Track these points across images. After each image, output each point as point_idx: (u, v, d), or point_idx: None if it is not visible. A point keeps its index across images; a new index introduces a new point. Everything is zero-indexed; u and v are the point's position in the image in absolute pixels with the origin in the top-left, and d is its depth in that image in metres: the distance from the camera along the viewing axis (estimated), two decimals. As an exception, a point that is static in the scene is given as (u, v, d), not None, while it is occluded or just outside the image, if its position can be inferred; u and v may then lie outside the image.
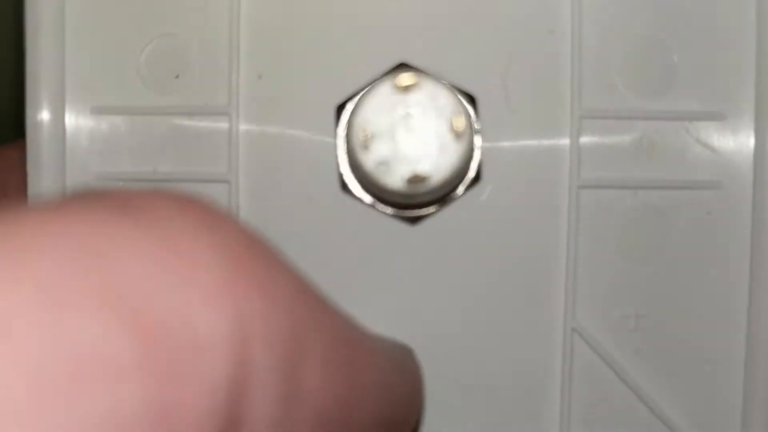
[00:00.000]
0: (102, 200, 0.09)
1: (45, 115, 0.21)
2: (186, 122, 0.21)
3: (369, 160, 0.17)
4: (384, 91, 0.18)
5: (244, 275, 0.09)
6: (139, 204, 0.09)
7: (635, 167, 0.21)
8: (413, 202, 0.19)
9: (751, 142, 0.21)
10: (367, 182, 0.19)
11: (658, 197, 0.21)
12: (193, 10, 0.21)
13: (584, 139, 0.21)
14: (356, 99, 0.18)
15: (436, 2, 0.21)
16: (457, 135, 0.17)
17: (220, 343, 0.09)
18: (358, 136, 0.17)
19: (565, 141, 0.21)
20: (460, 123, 0.17)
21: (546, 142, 0.21)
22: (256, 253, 0.10)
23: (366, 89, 0.18)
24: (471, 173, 0.20)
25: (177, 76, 0.21)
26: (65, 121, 0.21)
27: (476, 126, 0.20)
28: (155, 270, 0.08)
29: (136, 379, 0.08)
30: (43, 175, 0.21)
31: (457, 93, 0.19)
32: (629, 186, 0.21)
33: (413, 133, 0.17)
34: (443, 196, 0.20)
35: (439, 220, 0.21)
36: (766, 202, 0.20)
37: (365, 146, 0.17)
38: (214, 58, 0.21)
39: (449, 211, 0.21)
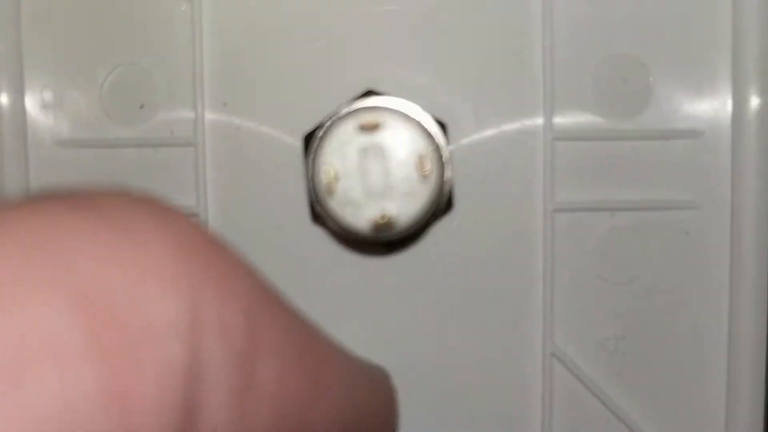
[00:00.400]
0: (62, 198, 0.09)
1: (8, 150, 0.21)
2: (152, 154, 0.21)
3: (334, 203, 0.17)
4: (347, 132, 0.17)
5: (199, 268, 0.10)
6: (98, 201, 0.09)
7: (611, 188, 0.20)
8: (384, 239, 0.19)
9: (728, 159, 0.20)
10: (335, 220, 0.18)
11: (634, 218, 0.20)
12: (154, 38, 0.21)
13: (558, 162, 0.20)
14: (321, 134, 0.18)
15: (404, 28, 0.20)
16: (424, 176, 0.17)
17: (175, 330, 0.09)
18: (321, 180, 0.17)
19: (539, 164, 0.20)
20: (427, 165, 0.16)
21: (519, 166, 0.20)
22: (211, 250, 0.10)
23: (331, 124, 0.18)
24: (443, 203, 0.19)
25: (141, 106, 0.21)
26: (28, 156, 0.21)
27: (447, 154, 0.19)
28: (111, 260, 0.09)
29: (86, 364, 0.08)
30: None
31: (424, 125, 0.18)
32: (605, 208, 0.20)
33: (379, 175, 0.17)
34: (417, 228, 0.19)
35: (412, 249, 0.20)
36: (744, 220, 0.20)
37: (329, 190, 0.17)
38: (179, 86, 0.21)
39: (423, 240, 0.20)
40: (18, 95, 0.21)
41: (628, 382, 0.21)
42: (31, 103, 0.21)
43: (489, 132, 0.20)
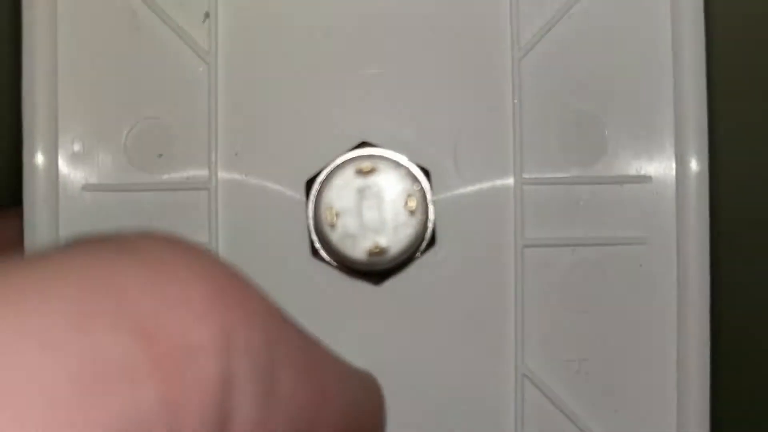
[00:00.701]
0: (104, 243, 0.11)
1: (40, 194, 0.23)
2: (169, 198, 0.24)
3: (335, 236, 0.20)
4: (348, 175, 0.20)
5: (225, 298, 0.11)
6: (135, 244, 0.11)
7: (573, 227, 0.23)
8: (377, 268, 0.22)
9: (673, 202, 0.23)
10: (334, 252, 0.21)
11: (594, 253, 0.23)
12: (174, 95, 0.24)
13: (527, 203, 0.23)
14: (322, 179, 0.21)
15: (393, 87, 0.23)
16: (411, 213, 0.20)
17: (210, 351, 0.11)
18: (325, 216, 0.19)
19: (510, 205, 0.23)
20: (413, 203, 0.19)
21: (493, 207, 0.23)
22: (234, 281, 0.12)
23: (332, 170, 0.21)
24: (427, 238, 0.22)
25: (160, 155, 0.24)
26: (59, 199, 0.23)
27: (431, 197, 0.22)
28: (153, 294, 0.11)
29: (149, 382, 0.10)
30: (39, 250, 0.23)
31: (412, 171, 0.21)
32: (568, 244, 0.23)
33: (373, 212, 0.20)
34: (404, 260, 0.22)
35: (400, 279, 0.23)
36: (688, 255, 0.23)
37: (332, 224, 0.19)
38: (194, 137, 0.24)
39: (409, 271, 0.23)
40: (52, 145, 0.23)
41: (591, 399, 0.23)
42: (62, 153, 0.24)
43: (467, 178, 0.23)
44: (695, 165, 0.23)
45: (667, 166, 0.23)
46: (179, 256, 0.11)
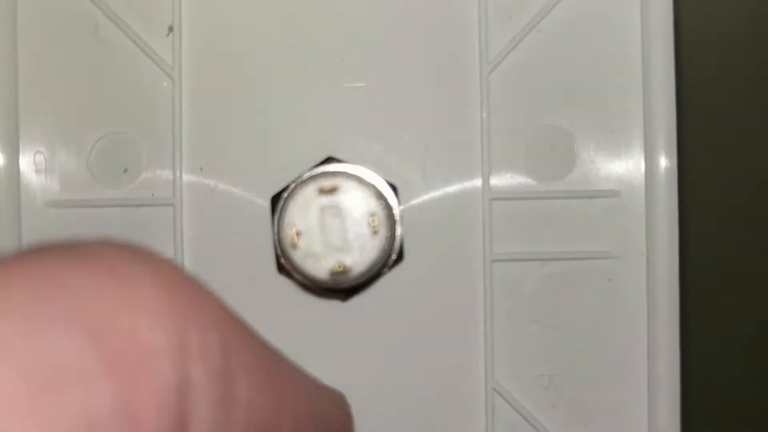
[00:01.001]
0: (63, 249, 0.11)
1: (2, 210, 0.23)
2: (134, 213, 0.23)
3: (297, 255, 0.19)
4: (309, 194, 0.20)
5: (181, 302, 0.11)
6: (94, 250, 0.11)
7: (542, 241, 0.23)
8: (342, 285, 0.21)
9: (643, 215, 0.23)
10: (298, 270, 0.21)
11: (563, 267, 0.23)
12: (138, 110, 0.23)
13: (495, 219, 0.23)
14: (286, 196, 0.21)
15: (360, 102, 0.23)
16: (375, 231, 0.19)
17: (165, 355, 0.11)
18: (286, 236, 0.19)
19: (478, 221, 0.23)
20: (376, 221, 0.19)
21: (461, 222, 0.23)
22: (190, 288, 0.12)
23: (294, 187, 0.21)
24: (394, 254, 0.22)
25: (125, 170, 0.23)
26: (21, 215, 0.23)
27: (398, 213, 0.22)
28: (112, 299, 0.11)
29: (103, 382, 0.10)
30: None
31: (377, 187, 0.21)
32: (537, 258, 0.23)
33: (336, 231, 0.19)
34: (371, 277, 0.22)
35: (368, 295, 0.23)
36: (657, 267, 0.23)
37: (293, 244, 0.19)
38: (159, 152, 0.23)
39: (377, 287, 0.23)
40: (14, 160, 0.23)
41: (561, 413, 0.23)
42: (25, 167, 0.23)
43: (435, 193, 0.23)
44: (664, 179, 0.23)
45: (637, 180, 0.23)
46: (136, 262, 0.11)
